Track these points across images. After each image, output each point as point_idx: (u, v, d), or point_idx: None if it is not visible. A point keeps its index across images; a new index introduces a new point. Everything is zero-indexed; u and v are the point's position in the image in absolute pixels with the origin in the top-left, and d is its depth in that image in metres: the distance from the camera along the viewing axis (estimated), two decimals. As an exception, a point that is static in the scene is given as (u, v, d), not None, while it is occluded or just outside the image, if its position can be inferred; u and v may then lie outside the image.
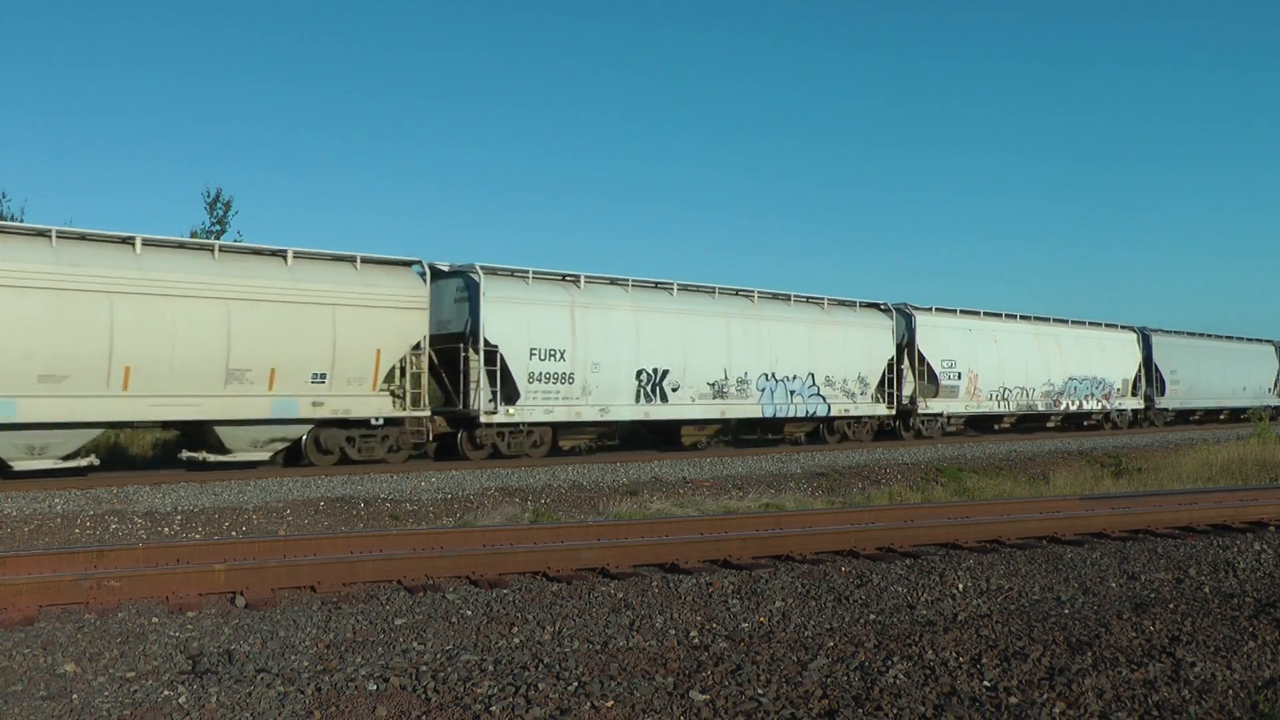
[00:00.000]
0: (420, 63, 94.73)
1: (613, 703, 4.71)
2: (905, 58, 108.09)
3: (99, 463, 14.99)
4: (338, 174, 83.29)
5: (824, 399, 23.46)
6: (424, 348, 17.52)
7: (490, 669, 5.28)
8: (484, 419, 17.89)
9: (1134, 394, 33.97)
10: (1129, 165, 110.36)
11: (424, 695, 4.85)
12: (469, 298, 18.21)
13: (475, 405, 17.85)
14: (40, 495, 12.75)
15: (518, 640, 6.13)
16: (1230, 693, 4.90)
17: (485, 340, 17.83)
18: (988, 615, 6.71)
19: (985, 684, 5.01)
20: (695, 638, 6.22)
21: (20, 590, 7.08)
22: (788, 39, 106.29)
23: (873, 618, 6.78)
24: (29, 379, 13.73)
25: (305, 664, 5.53)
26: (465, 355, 18.00)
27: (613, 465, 17.67)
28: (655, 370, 20.26)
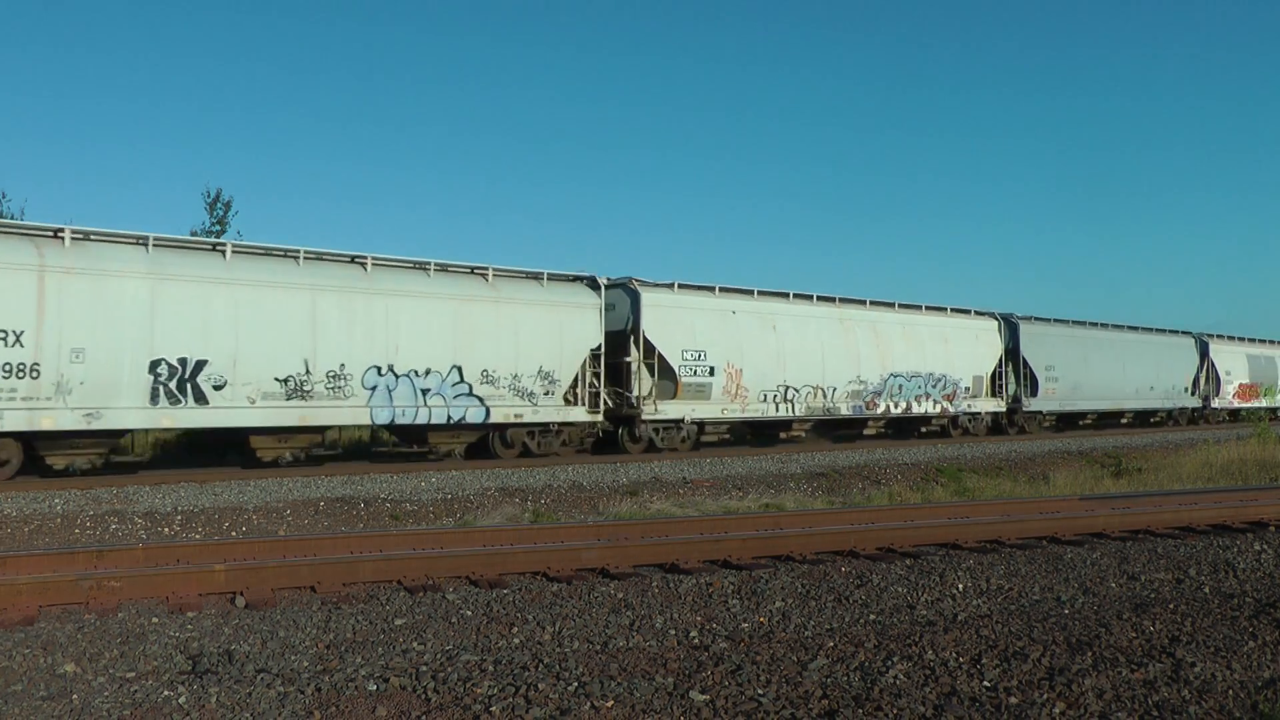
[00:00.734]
0: (419, 62, 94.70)
1: (613, 703, 4.71)
2: (905, 45, 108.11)
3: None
4: (337, 174, 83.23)
5: (482, 401, 18.12)
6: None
7: (490, 669, 5.28)
8: None
9: (993, 394, 28.02)
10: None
11: (424, 695, 4.85)
12: None
13: None
14: (40, 495, 12.75)
15: (518, 640, 6.13)
16: (1230, 693, 4.90)
17: None
18: (988, 615, 6.71)
19: (985, 684, 5.01)
20: (695, 638, 6.22)
21: (20, 590, 7.07)
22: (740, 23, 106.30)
23: (873, 618, 6.78)
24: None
25: (305, 664, 5.53)
26: None
27: (613, 465, 17.67)
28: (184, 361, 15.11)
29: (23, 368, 13.95)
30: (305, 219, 72.41)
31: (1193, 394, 36.95)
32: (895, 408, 25.08)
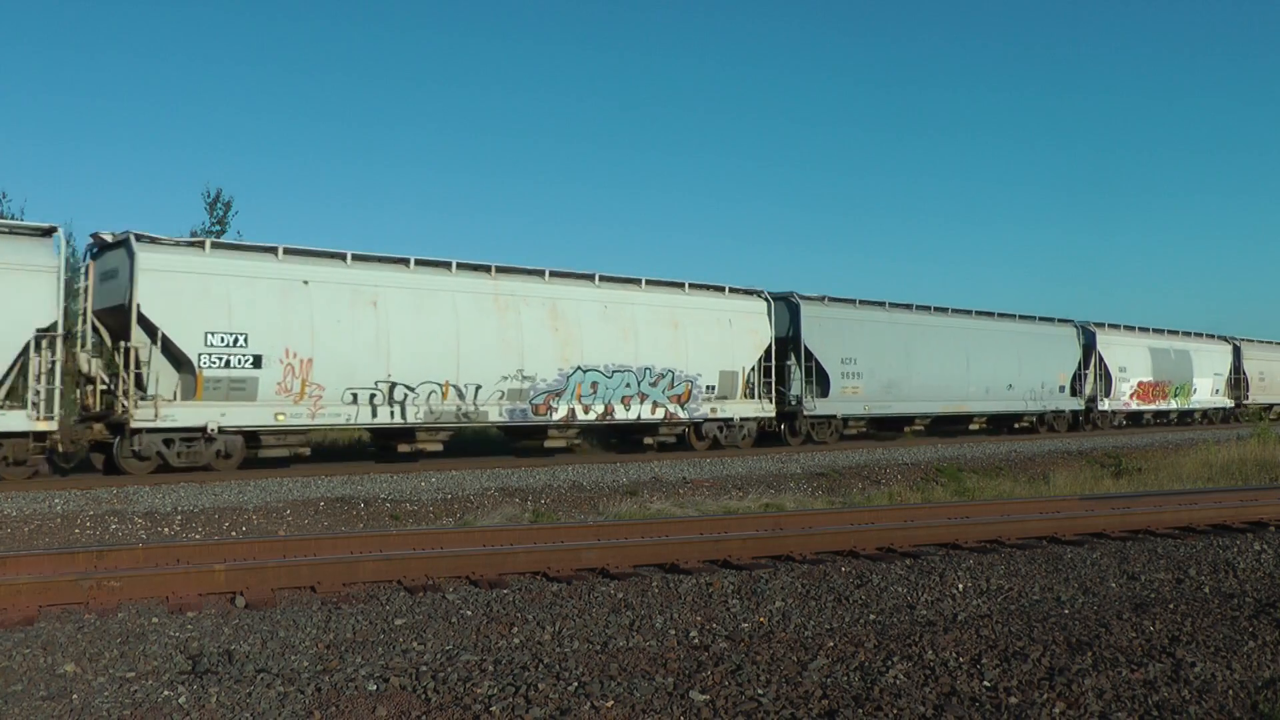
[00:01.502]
0: (419, 62, 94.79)
1: (613, 703, 4.70)
2: (904, 46, 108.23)
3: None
4: (337, 173, 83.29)
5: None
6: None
7: (490, 669, 5.28)
8: None
9: (751, 395, 22.31)
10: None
11: (424, 695, 4.85)
12: None
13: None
14: (40, 495, 12.75)
15: (518, 640, 6.13)
16: (1230, 693, 4.90)
17: None
18: (988, 615, 6.71)
19: (985, 684, 5.01)
20: (695, 638, 6.22)
21: (20, 590, 7.07)
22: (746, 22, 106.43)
23: (873, 618, 6.78)
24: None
25: (305, 664, 5.53)
26: None
27: (613, 465, 17.67)
28: None
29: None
30: (305, 219, 72.39)
31: (1074, 394, 30.89)
32: (586, 412, 19.54)
